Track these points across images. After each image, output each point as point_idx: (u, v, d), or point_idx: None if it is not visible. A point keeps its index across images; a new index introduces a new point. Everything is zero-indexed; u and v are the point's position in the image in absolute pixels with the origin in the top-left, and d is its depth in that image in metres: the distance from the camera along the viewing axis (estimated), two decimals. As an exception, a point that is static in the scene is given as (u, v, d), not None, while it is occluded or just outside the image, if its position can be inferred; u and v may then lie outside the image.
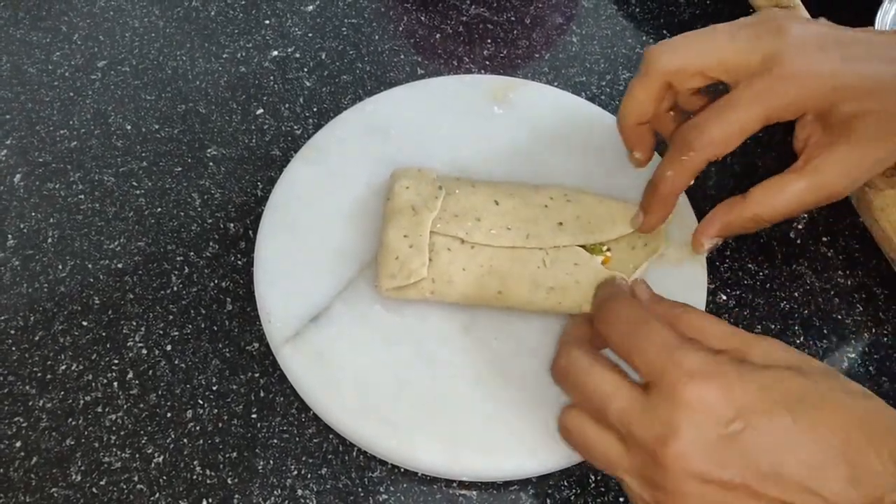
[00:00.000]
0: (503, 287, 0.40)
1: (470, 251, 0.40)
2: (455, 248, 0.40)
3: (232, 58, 0.54)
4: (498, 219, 0.41)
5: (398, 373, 0.39)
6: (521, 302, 0.40)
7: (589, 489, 0.39)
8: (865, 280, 0.46)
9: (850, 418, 0.28)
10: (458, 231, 0.40)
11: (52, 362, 0.42)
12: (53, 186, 0.48)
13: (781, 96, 0.36)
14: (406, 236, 0.40)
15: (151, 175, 0.48)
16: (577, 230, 0.41)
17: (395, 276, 0.40)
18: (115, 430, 0.40)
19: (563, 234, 0.41)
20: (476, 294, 0.40)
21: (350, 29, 0.55)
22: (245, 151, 0.49)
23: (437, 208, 0.41)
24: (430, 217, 0.40)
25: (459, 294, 0.40)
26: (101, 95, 0.52)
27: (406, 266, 0.40)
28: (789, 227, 0.48)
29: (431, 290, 0.40)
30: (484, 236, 0.40)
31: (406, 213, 0.41)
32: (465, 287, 0.40)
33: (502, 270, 0.40)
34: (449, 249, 0.40)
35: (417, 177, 0.42)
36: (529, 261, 0.40)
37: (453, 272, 0.40)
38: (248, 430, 0.40)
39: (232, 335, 0.43)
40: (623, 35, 0.56)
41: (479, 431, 0.38)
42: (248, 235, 0.46)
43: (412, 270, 0.39)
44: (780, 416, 0.28)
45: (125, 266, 0.45)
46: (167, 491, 0.38)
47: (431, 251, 0.40)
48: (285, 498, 0.38)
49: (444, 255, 0.40)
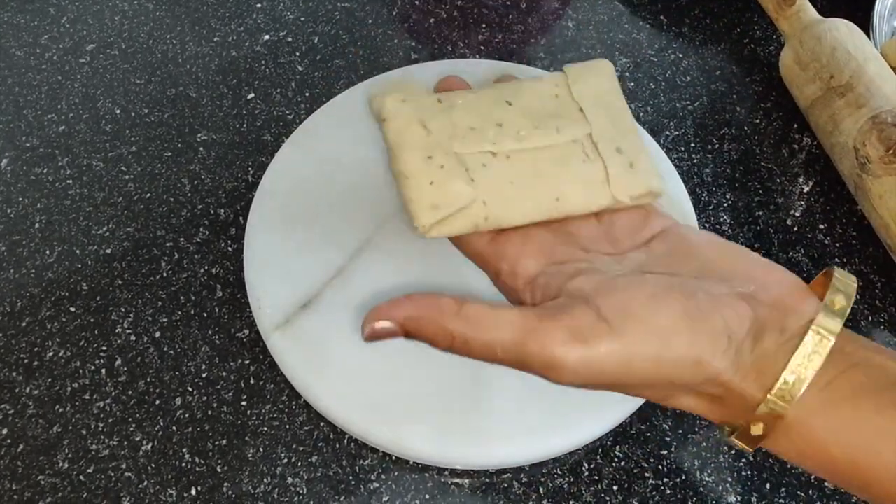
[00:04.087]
0: (559, 192, 0.33)
1: (506, 161, 0.33)
2: (490, 163, 0.33)
3: (223, 42, 0.53)
4: (519, 119, 0.34)
5: (389, 360, 0.39)
6: (581, 204, 0.33)
7: (582, 477, 0.39)
8: (863, 268, 0.45)
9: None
10: (484, 144, 0.33)
11: (39, 349, 0.41)
12: (41, 171, 0.47)
13: None
14: (430, 157, 0.33)
15: (141, 160, 0.48)
16: (600, 111, 0.35)
17: (437, 205, 0.32)
18: (102, 417, 0.39)
19: (587, 120, 0.35)
20: (535, 208, 0.33)
21: (343, 13, 0.55)
22: (236, 136, 0.49)
23: (450, 121, 0.34)
24: (449, 130, 0.33)
25: (519, 212, 0.33)
26: (89, 79, 0.51)
27: (447, 189, 0.32)
28: (786, 215, 0.47)
29: (486, 214, 0.32)
30: (515, 141, 0.34)
31: (417, 132, 0.33)
32: (522, 202, 0.33)
33: (550, 174, 0.33)
34: (484, 165, 0.33)
35: (408, 90, 0.35)
36: (572, 156, 0.34)
37: (503, 187, 0.33)
38: (238, 418, 0.40)
39: (222, 322, 0.42)
40: (619, 20, 0.55)
41: (471, 419, 0.38)
42: (238, 221, 0.45)
43: (458, 193, 0.32)
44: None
45: (114, 252, 0.44)
46: (155, 479, 0.38)
47: (467, 169, 0.33)
48: (275, 486, 0.38)
49: (482, 172, 0.33)
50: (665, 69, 0.53)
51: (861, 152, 0.45)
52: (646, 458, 0.39)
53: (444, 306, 0.28)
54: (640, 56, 0.54)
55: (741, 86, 0.53)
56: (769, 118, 0.51)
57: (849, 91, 0.46)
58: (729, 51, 0.55)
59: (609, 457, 0.39)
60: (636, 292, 0.27)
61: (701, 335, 0.27)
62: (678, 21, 0.56)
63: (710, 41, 0.55)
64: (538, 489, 0.38)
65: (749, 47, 0.55)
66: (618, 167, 0.34)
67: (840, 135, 0.46)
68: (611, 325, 0.26)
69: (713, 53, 0.54)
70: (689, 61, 0.54)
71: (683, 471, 0.39)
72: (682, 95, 0.52)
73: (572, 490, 0.38)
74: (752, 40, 0.55)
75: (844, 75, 0.47)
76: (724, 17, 0.56)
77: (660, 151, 0.46)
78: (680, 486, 0.38)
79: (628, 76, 0.52)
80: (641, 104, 0.51)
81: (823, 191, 0.48)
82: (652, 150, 0.46)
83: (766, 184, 0.48)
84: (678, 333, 0.27)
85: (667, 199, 0.44)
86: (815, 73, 0.48)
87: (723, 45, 0.55)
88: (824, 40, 0.48)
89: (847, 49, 0.47)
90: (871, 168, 0.44)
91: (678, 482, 0.38)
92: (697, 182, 0.48)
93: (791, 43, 0.50)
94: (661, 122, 0.51)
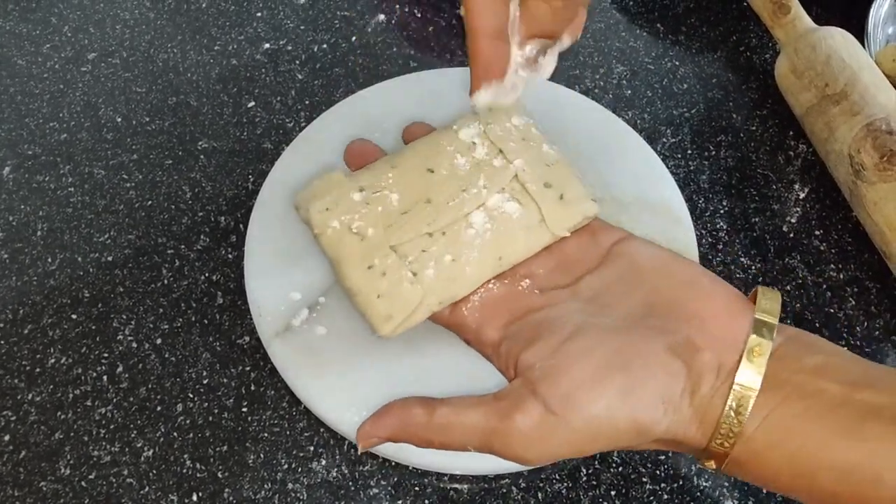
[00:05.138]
0: (500, 251, 0.34)
1: (443, 238, 0.34)
2: (429, 247, 0.33)
3: (223, 50, 0.53)
4: (445, 187, 0.34)
5: (388, 366, 0.39)
6: (523, 252, 0.34)
7: (580, 482, 0.39)
8: (858, 274, 0.46)
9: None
10: (419, 227, 0.34)
11: (41, 356, 0.42)
12: (43, 179, 0.48)
13: None
14: (370, 267, 0.33)
15: (142, 168, 0.48)
16: (521, 149, 0.35)
17: (391, 315, 0.33)
18: (104, 423, 0.40)
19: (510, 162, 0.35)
20: (480, 273, 0.34)
21: (342, 21, 0.55)
22: (236, 144, 0.49)
23: (379, 219, 0.34)
24: (381, 222, 0.34)
25: (466, 284, 0.34)
26: (91, 88, 0.51)
27: (395, 298, 0.33)
28: (782, 221, 0.48)
29: (437, 300, 0.34)
30: (447, 213, 0.33)
31: (351, 241, 0.33)
32: (467, 273, 0.33)
33: (487, 237, 0.34)
34: (423, 251, 0.33)
35: (327, 189, 0.35)
36: (504, 209, 0.34)
37: (446, 268, 0.33)
38: (239, 424, 0.40)
39: (222, 329, 0.43)
40: (617, 29, 0.56)
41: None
42: (238, 229, 0.46)
43: (406, 299, 0.33)
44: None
45: (115, 259, 0.45)
46: (157, 485, 0.38)
47: (407, 262, 0.33)
48: (276, 492, 0.38)
49: (423, 260, 0.33)
50: (662, 77, 0.54)
51: (856, 159, 0.45)
52: (643, 464, 0.39)
53: (417, 418, 0.32)
54: (637, 64, 0.54)
55: (737, 93, 0.53)
56: (765, 125, 0.52)
57: (843, 99, 0.46)
58: (725, 59, 0.55)
59: (607, 462, 0.39)
60: (578, 374, 0.30)
61: (639, 410, 0.29)
62: (675, 29, 0.56)
63: (707, 49, 0.55)
64: (537, 495, 0.39)
65: (745, 55, 0.55)
66: (549, 203, 0.34)
67: (835, 142, 0.46)
68: (558, 417, 0.29)
69: (709, 61, 0.55)
70: (686, 69, 0.54)
71: (680, 476, 0.39)
72: (678, 103, 0.52)
73: (570, 495, 0.39)
74: (748, 48, 0.56)
75: (839, 83, 0.47)
76: (721, 26, 0.57)
77: (656, 158, 0.47)
78: (677, 491, 0.39)
79: (625, 84, 0.53)
80: (638, 111, 0.52)
81: (819, 197, 0.49)
82: (649, 156, 0.47)
83: (762, 190, 0.49)
84: (618, 412, 0.29)
85: (663, 206, 0.45)
86: (810, 80, 0.48)
87: (719, 53, 0.55)
88: (819, 48, 0.49)
89: (842, 57, 0.48)
90: (866, 175, 0.44)
91: (675, 487, 0.39)
92: (694, 189, 0.49)
93: (786, 51, 0.51)
94: (657, 129, 0.51)
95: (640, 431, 0.29)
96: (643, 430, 0.29)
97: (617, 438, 0.29)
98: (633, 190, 0.45)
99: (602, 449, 0.30)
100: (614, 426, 0.29)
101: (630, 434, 0.29)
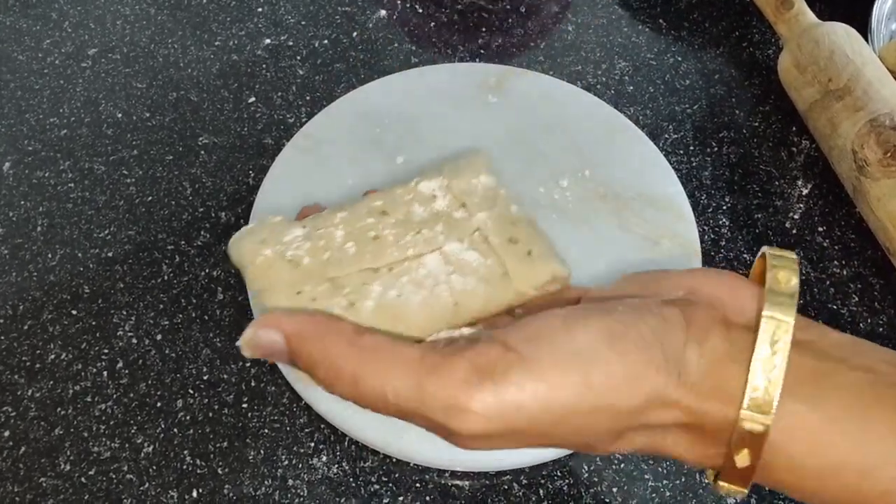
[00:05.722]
0: (456, 297, 0.29)
1: (389, 274, 0.29)
2: (371, 280, 0.29)
3: (224, 46, 0.53)
4: (398, 228, 0.31)
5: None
6: (482, 305, 0.29)
7: (582, 479, 0.39)
8: (861, 270, 0.46)
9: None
10: (362, 262, 0.30)
11: (41, 351, 0.41)
12: (43, 175, 0.47)
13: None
14: (299, 292, 0.29)
15: (142, 163, 0.48)
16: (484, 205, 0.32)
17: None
18: (104, 419, 0.40)
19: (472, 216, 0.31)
20: (431, 318, 0.29)
21: (343, 17, 0.55)
22: (237, 140, 0.49)
23: (318, 251, 0.30)
24: (320, 255, 0.30)
25: (414, 325, 0.29)
26: (91, 83, 0.51)
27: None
28: (785, 218, 0.47)
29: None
30: (397, 250, 0.30)
31: (281, 268, 0.29)
32: (415, 314, 0.29)
33: (442, 278, 0.29)
34: (365, 284, 0.29)
35: (263, 230, 0.31)
36: (464, 255, 0.30)
37: (389, 304, 0.28)
38: (239, 420, 0.40)
39: (223, 324, 0.42)
40: (619, 24, 0.56)
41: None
42: (239, 224, 0.46)
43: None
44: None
45: (115, 255, 0.45)
46: (157, 481, 0.38)
47: (344, 292, 0.29)
48: (276, 488, 0.38)
49: (362, 291, 0.29)
50: (664, 72, 0.53)
51: (859, 155, 0.45)
52: (645, 461, 0.39)
53: (343, 329, 0.25)
54: (639, 60, 0.54)
55: (740, 89, 0.53)
56: (768, 121, 0.52)
57: (847, 94, 0.46)
58: (728, 54, 0.55)
59: (609, 459, 0.39)
60: (546, 320, 0.24)
61: (629, 350, 0.22)
62: (677, 25, 0.56)
63: (709, 45, 0.55)
64: (538, 491, 0.38)
65: (748, 51, 0.55)
66: (514, 258, 0.30)
67: (838, 138, 0.46)
68: (521, 354, 0.22)
69: (712, 57, 0.55)
70: (688, 65, 0.54)
71: (683, 473, 0.39)
72: (681, 99, 0.52)
73: (572, 492, 0.38)
74: (751, 44, 0.55)
75: (842, 78, 0.47)
76: (723, 21, 0.56)
77: (659, 154, 0.47)
78: (679, 488, 0.38)
79: (628, 79, 0.53)
80: (640, 107, 0.51)
81: (822, 193, 0.49)
82: (651, 153, 0.47)
83: (764, 186, 0.49)
84: (600, 353, 0.22)
85: (666, 203, 0.45)
86: (814, 76, 0.48)
87: (721, 48, 0.55)
88: (822, 44, 0.48)
89: (845, 52, 0.48)
90: (870, 171, 0.44)
91: (677, 484, 0.39)
92: (696, 185, 0.48)
93: (789, 46, 0.50)
94: (660, 125, 0.51)
95: (630, 382, 0.22)
96: (635, 381, 0.22)
97: (597, 396, 0.22)
98: (636, 186, 0.45)
99: (575, 423, 0.22)
100: (595, 371, 0.22)
101: (617, 388, 0.22)
